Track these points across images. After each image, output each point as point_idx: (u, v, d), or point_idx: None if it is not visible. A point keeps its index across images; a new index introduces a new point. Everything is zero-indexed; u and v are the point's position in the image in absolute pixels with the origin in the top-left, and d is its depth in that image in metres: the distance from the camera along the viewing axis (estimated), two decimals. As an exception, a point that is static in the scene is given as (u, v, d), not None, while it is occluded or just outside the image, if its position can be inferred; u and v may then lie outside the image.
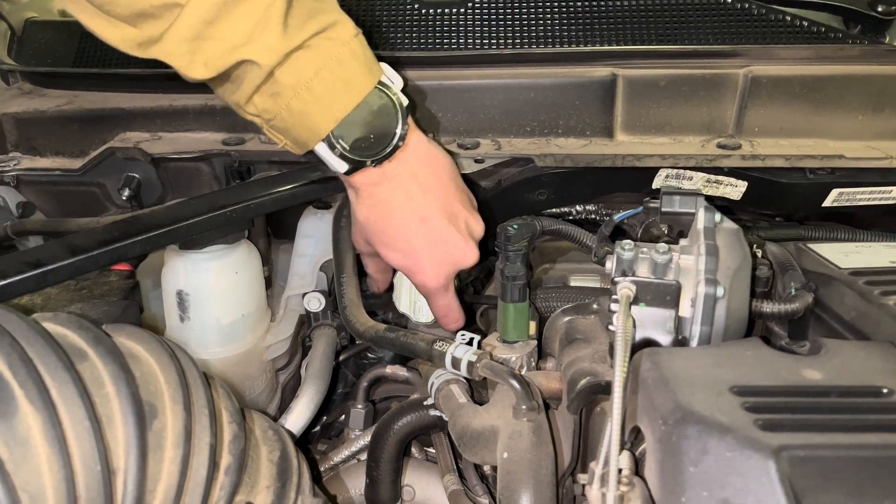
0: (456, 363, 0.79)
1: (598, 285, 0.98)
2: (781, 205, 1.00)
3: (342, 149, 0.80)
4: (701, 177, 0.93)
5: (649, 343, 0.69)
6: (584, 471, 0.62)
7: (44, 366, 0.55)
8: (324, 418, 1.14)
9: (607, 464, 0.54)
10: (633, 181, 0.96)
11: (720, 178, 0.93)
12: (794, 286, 0.77)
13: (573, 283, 1.00)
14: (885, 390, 0.53)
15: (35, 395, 0.53)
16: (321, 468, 1.00)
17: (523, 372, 0.83)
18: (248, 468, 0.71)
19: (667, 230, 0.88)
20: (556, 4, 1.03)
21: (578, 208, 1.04)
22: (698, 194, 0.87)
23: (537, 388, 0.76)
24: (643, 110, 0.95)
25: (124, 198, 1.02)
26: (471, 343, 0.81)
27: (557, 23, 1.02)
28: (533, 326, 0.87)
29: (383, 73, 0.81)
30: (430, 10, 1.04)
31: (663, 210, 0.87)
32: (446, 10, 1.05)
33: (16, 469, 0.51)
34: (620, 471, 0.54)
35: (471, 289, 1.05)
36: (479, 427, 0.77)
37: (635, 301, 0.68)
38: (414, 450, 1.03)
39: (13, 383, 0.53)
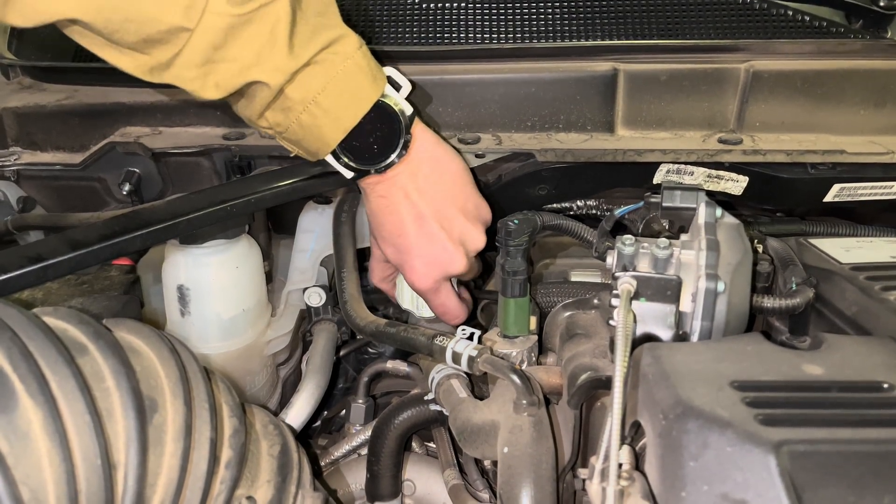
0: (456, 358, 0.79)
1: (598, 280, 0.98)
2: (782, 200, 1.00)
3: (347, 159, 0.82)
4: (702, 172, 0.93)
5: (650, 338, 0.69)
6: (585, 465, 0.62)
7: (44, 360, 0.55)
8: (324, 413, 1.14)
9: (608, 458, 0.54)
10: (633, 176, 0.96)
11: (721, 173, 0.93)
12: (794, 281, 0.77)
13: (574, 279, 1.00)
14: (885, 385, 0.53)
15: (35, 389, 0.53)
16: (322, 463, 1.00)
17: (524, 367, 0.83)
18: (249, 462, 0.71)
19: (667, 225, 0.88)
20: (557, -1, 1.02)
21: (579, 203, 1.04)
22: (699, 189, 0.86)
23: (538, 382, 0.76)
24: (644, 105, 0.95)
25: (125, 192, 1.02)
26: (471, 338, 0.81)
27: (558, 17, 1.02)
28: (533, 321, 0.87)
29: (387, 84, 0.82)
30: (431, 5, 1.04)
31: (664, 205, 0.87)
32: (447, 4, 1.04)
33: (16, 463, 0.51)
34: (621, 465, 0.55)
35: (472, 283, 1.05)
36: (480, 422, 0.77)
37: (636, 296, 0.68)
38: (414, 444, 1.04)
39: (14, 377, 0.53)
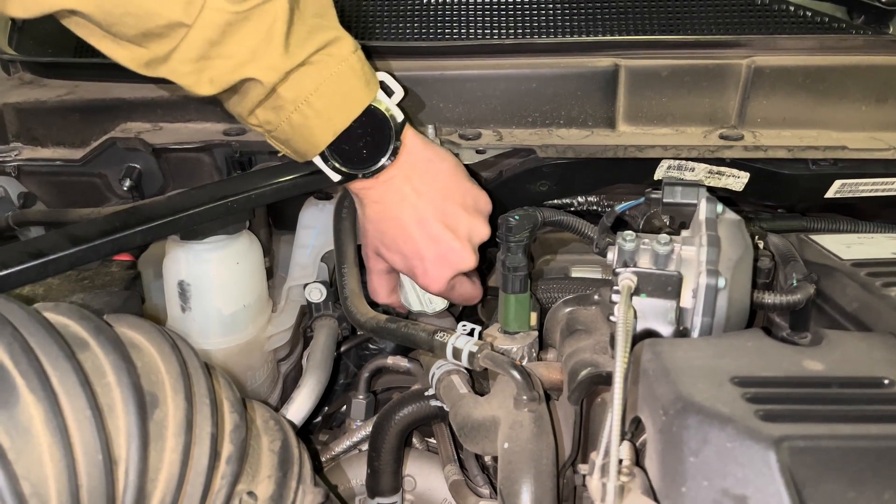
0: (457, 353, 0.79)
1: (599, 276, 0.98)
2: (784, 196, 1.00)
3: (335, 162, 0.82)
4: (703, 168, 0.93)
5: (650, 334, 0.69)
6: (585, 461, 0.62)
7: (45, 355, 0.55)
8: (325, 409, 1.14)
9: (608, 454, 0.54)
10: (634, 172, 0.96)
11: (722, 169, 0.93)
12: (795, 277, 0.77)
13: (574, 274, 1.00)
14: (885, 381, 0.53)
15: (36, 384, 0.53)
16: (322, 458, 1.00)
17: (524, 363, 0.83)
18: (250, 458, 0.71)
19: (668, 221, 0.88)
20: (558, -6, 1.02)
21: (580, 199, 1.04)
22: (700, 185, 0.86)
23: (538, 378, 0.76)
24: (645, 101, 0.95)
25: (125, 188, 1.02)
26: (472, 334, 0.81)
27: (559, 13, 1.02)
28: (534, 317, 0.87)
29: (379, 89, 0.82)
30: (432, 1, 1.04)
31: (665, 201, 0.87)
32: (448, 0, 1.04)
33: (17, 458, 0.51)
34: (621, 461, 0.55)
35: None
36: (480, 417, 0.77)
37: (636, 292, 0.68)
38: (415, 440, 1.04)
39: (14, 373, 0.53)
